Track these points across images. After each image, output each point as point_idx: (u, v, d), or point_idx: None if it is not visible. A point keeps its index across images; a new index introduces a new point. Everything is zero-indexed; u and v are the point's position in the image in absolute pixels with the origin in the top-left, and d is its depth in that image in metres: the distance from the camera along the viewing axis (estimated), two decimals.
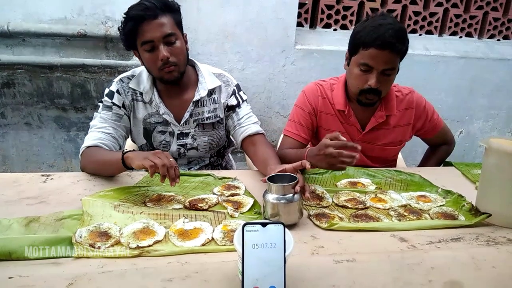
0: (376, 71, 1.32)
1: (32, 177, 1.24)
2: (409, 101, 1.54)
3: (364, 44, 1.30)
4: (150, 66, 1.33)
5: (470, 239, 0.98)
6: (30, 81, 2.25)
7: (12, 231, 0.88)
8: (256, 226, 0.68)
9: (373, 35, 1.27)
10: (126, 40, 1.31)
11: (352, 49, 1.37)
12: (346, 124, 1.53)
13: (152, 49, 1.28)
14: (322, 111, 1.54)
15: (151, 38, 1.26)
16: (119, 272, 0.78)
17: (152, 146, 1.49)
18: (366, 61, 1.31)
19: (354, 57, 1.36)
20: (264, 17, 2.49)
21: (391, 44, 1.27)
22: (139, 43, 1.29)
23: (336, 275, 0.80)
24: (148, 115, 1.44)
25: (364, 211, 1.13)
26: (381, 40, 1.26)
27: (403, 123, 1.54)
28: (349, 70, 1.43)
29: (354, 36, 1.36)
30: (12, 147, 2.50)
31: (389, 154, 1.60)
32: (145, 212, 1.03)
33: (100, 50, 2.43)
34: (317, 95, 1.55)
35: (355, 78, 1.38)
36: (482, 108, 3.05)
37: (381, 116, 1.50)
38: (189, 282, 0.76)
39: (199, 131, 1.48)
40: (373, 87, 1.33)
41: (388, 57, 1.30)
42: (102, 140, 1.32)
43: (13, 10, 2.28)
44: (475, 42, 2.97)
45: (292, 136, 1.54)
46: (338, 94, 1.51)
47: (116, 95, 1.39)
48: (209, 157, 1.57)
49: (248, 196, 1.17)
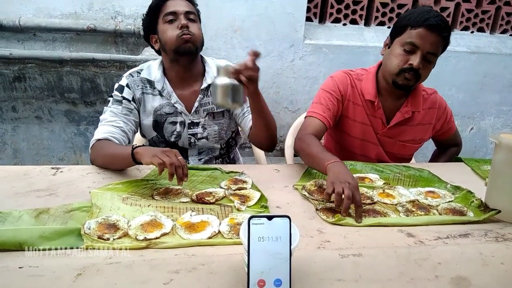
0: (420, 52, 1.32)
1: (42, 170, 1.25)
2: (433, 101, 1.54)
3: (414, 23, 1.31)
4: (167, 37, 1.37)
5: (479, 235, 0.97)
6: (40, 75, 2.28)
7: (22, 222, 0.89)
8: (262, 219, 0.68)
9: (424, 16, 1.29)
10: (148, 22, 1.41)
11: (397, 31, 1.37)
12: (372, 116, 1.51)
13: (172, 21, 1.36)
14: (350, 100, 1.51)
15: (174, 10, 1.36)
16: (127, 263, 0.79)
17: (164, 138, 1.50)
18: (414, 40, 1.31)
19: (399, 38, 1.36)
20: (273, 12, 2.48)
21: (440, 28, 1.29)
22: (161, 17, 1.37)
23: (342, 269, 0.80)
24: (159, 106, 1.46)
25: (372, 206, 1.12)
26: (432, 22, 1.28)
27: (425, 122, 1.54)
28: (389, 52, 1.40)
29: (402, 20, 1.37)
30: (23, 140, 2.53)
31: (407, 152, 1.59)
32: (152, 205, 1.04)
33: (109, 44, 2.45)
34: (347, 83, 1.51)
35: (397, 57, 1.36)
36: (493, 104, 3.01)
37: (407, 112, 1.48)
38: (196, 274, 0.77)
39: (209, 120, 1.50)
40: (415, 67, 1.32)
41: (435, 40, 1.31)
42: (112, 133, 1.34)
43: (24, 5, 2.31)
44: (487, 37, 2.93)
45: (318, 117, 1.43)
46: (368, 84, 1.49)
47: (126, 89, 1.42)
48: (219, 148, 1.58)
49: (255, 190, 1.17)
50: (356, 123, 1.52)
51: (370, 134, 1.52)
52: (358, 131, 1.53)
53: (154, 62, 1.49)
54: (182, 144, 1.51)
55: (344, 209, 1.01)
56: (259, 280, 0.66)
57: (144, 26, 1.45)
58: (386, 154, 1.56)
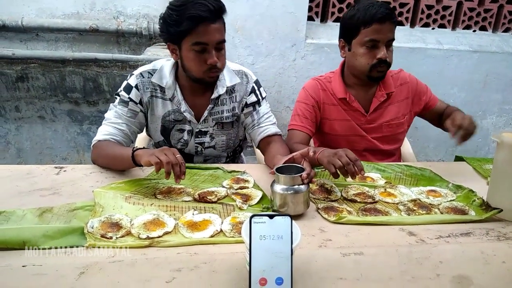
0: (382, 44, 1.41)
1: (45, 169, 1.26)
2: (402, 78, 1.62)
3: (365, 22, 1.39)
4: (192, 66, 1.29)
5: (480, 234, 0.97)
6: (43, 75, 2.28)
7: (25, 221, 0.90)
8: (263, 218, 0.68)
9: (371, 12, 1.37)
10: (171, 34, 1.25)
11: (349, 33, 1.45)
12: (349, 111, 1.58)
13: (202, 51, 1.25)
14: (325, 103, 1.59)
15: (207, 41, 1.23)
16: (130, 262, 0.79)
17: (170, 144, 1.48)
18: (372, 36, 1.40)
19: (356, 39, 1.44)
20: (274, 11, 2.47)
21: (389, 16, 1.38)
22: (190, 42, 1.23)
23: (344, 268, 0.81)
24: (168, 112, 1.42)
25: (373, 205, 1.12)
26: (380, 14, 1.37)
27: (402, 98, 1.61)
28: (351, 54, 1.49)
29: (349, 21, 1.44)
30: (26, 140, 2.54)
31: (395, 131, 1.63)
32: (155, 204, 1.04)
33: (112, 44, 2.46)
34: (318, 88, 1.60)
35: (363, 56, 1.44)
36: (495, 103, 2.99)
37: (382, 95, 1.56)
38: (198, 272, 0.77)
39: (217, 130, 1.47)
40: (383, 59, 1.42)
41: (390, 28, 1.41)
42: (114, 136, 1.33)
43: (27, 5, 2.31)
44: (489, 36, 2.91)
45: (298, 128, 1.56)
46: (336, 84, 1.58)
47: (134, 90, 1.37)
48: (225, 156, 1.57)
49: (257, 189, 1.18)
50: (337, 122, 1.59)
51: (353, 128, 1.59)
52: (341, 128, 1.59)
53: (167, 64, 1.40)
54: (189, 151, 1.50)
55: (351, 173, 1.11)
56: (261, 279, 0.67)
57: (163, 30, 1.29)
58: (376, 140, 1.61)
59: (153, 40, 2.46)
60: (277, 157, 1.19)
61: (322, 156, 1.19)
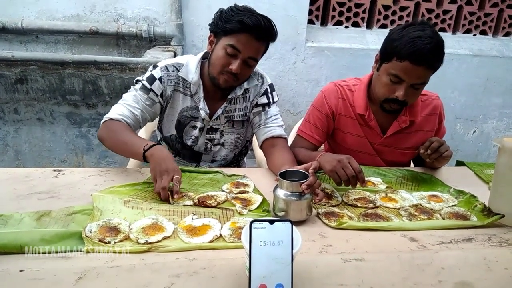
0: (406, 84, 1.27)
1: (43, 172, 1.25)
2: (435, 107, 1.49)
3: (400, 55, 1.24)
4: (216, 62, 1.32)
5: (482, 240, 0.97)
6: (42, 77, 2.28)
7: (23, 225, 0.89)
8: (263, 223, 0.68)
9: (410, 49, 1.21)
10: (217, 27, 1.30)
11: (385, 55, 1.31)
12: (366, 127, 1.48)
13: (231, 55, 1.29)
14: (341, 114, 1.49)
15: (240, 49, 1.27)
16: (128, 267, 0.78)
17: (181, 140, 1.49)
18: (398, 73, 1.26)
19: (386, 65, 1.30)
20: (275, 14, 2.45)
21: (428, 61, 1.22)
22: (226, 41, 1.28)
23: (345, 274, 0.80)
24: (186, 108, 1.43)
25: (374, 210, 1.12)
26: (417, 55, 1.20)
27: (426, 129, 1.49)
28: (377, 75, 1.36)
29: (390, 44, 1.28)
30: (24, 142, 2.53)
31: (406, 158, 1.55)
32: (154, 208, 1.03)
33: (111, 47, 2.45)
34: (337, 97, 1.49)
35: (383, 86, 1.33)
36: (496, 107, 2.99)
37: (405, 121, 1.44)
38: (197, 278, 0.76)
39: (228, 128, 1.49)
40: (400, 100, 1.30)
41: (422, 73, 1.25)
42: (127, 118, 1.32)
43: (27, 8, 2.31)
44: (489, 40, 2.92)
45: (305, 137, 1.51)
46: (359, 97, 1.46)
47: (157, 82, 1.37)
48: (232, 157, 1.57)
49: (257, 194, 1.17)
50: (350, 135, 1.51)
51: (365, 146, 1.50)
52: (352, 142, 1.51)
53: (192, 60, 1.41)
54: (198, 149, 1.50)
55: (353, 184, 1.14)
56: (261, 285, 0.66)
57: (214, 20, 1.34)
58: (384, 162, 1.53)
59: (153, 42, 2.45)
60: (284, 167, 1.18)
61: (323, 160, 1.18)
